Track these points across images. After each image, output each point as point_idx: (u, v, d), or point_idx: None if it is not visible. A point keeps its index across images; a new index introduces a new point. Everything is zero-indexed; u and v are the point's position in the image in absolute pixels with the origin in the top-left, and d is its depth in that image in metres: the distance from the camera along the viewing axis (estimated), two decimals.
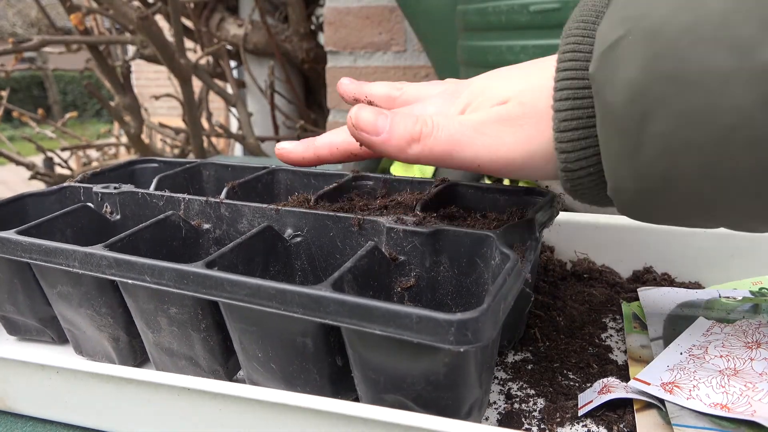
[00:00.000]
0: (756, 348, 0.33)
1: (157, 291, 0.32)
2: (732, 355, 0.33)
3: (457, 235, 0.34)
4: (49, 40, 1.18)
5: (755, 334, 0.35)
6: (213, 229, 0.41)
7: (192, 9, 1.37)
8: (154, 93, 1.64)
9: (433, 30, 0.76)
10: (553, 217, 0.39)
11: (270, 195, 0.48)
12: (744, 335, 0.35)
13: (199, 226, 0.41)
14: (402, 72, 0.98)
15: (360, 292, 0.32)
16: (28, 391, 0.33)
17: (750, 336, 0.35)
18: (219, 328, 0.33)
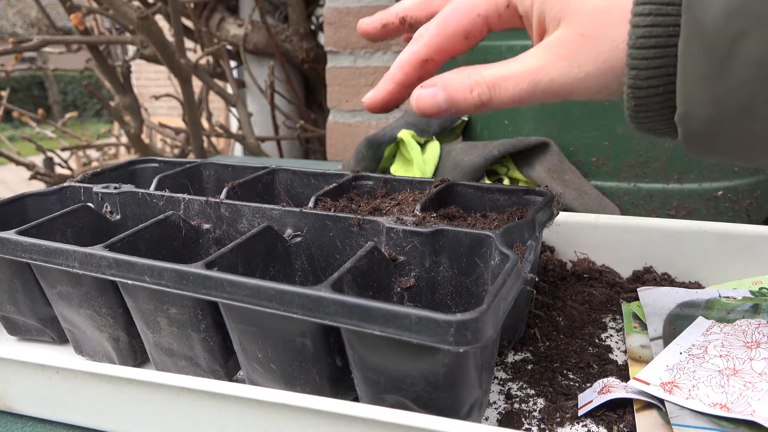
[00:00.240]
0: (755, 348, 0.33)
1: (156, 291, 0.32)
2: (731, 354, 0.33)
3: (457, 235, 0.34)
4: (49, 40, 1.18)
5: (755, 334, 0.35)
6: (213, 229, 0.41)
7: (192, 9, 1.37)
8: (154, 93, 1.64)
9: None
10: (553, 217, 0.39)
11: (270, 195, 0.48)
12: (744, 335, 0.35)
13: (199, 227, 0.41)
14: None
15: (360, 292, 0.32)
16: (28, 391, 0.33)
17: (750, 336, 0.35)
18: (219, 329, 0.33)
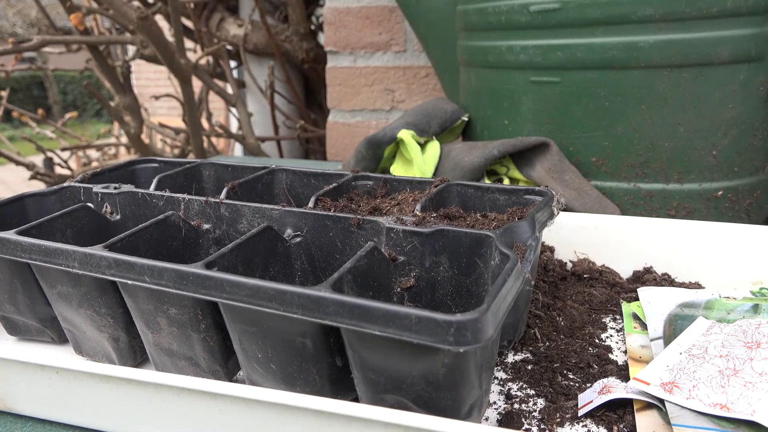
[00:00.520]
0: (756, 348, 0.33)
1: (156, 291, 0.32)
2: (732, 355, 0.33)
3: (457, 235, 0.34)
4: (49, 40, 1.18)
5: (755, 334, 0.35)
6: (213, 229, 0.41)
7: (192, 9, 1.37)
8: (154, 93, 1.64)
9: (433, 30, 0.76)
10: (553, 217, 0.39)
11: (270, 195, 0.48)
12: (744, 335, 0.35)
13: (199, 227, 0.41)
14: (402, 72, 0.98)
15: (360, 292, 0.32)
16: (28, 391, 0.33)
17: (750, 336, 0.35)
18: (219, 329, 0.33)
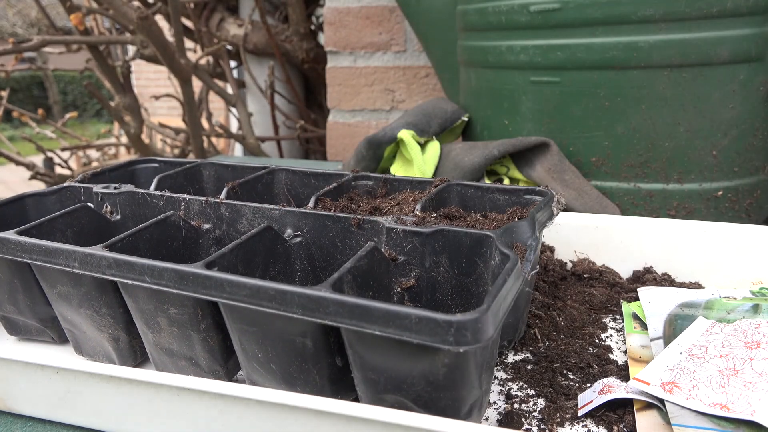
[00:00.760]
0: (756, 348, 0.33)
1: (156, 291, 0.32)
2: (732, 355, 0.33)
3: (457, 235, 0.34)
4: (49, 40, 1.18)
5: (755, 334, 0.35)
6: (213, 229, 0.41)
7: (192, 9, 1.37)
8: (154, 93, 1.64)
9: (433, 30, 0.76)
10: (553, 217, 0.39)
11: (270, 195, 0.48)
12: (744, 335, 0.35)
13: (199, 227, 0.41)
14: (402, 72, 0.98)
15: (360, 292, 0.32)
16: (28, 391, 0.33)
17: (750, 336, 0.35)
18: (219, 329, 0.33)
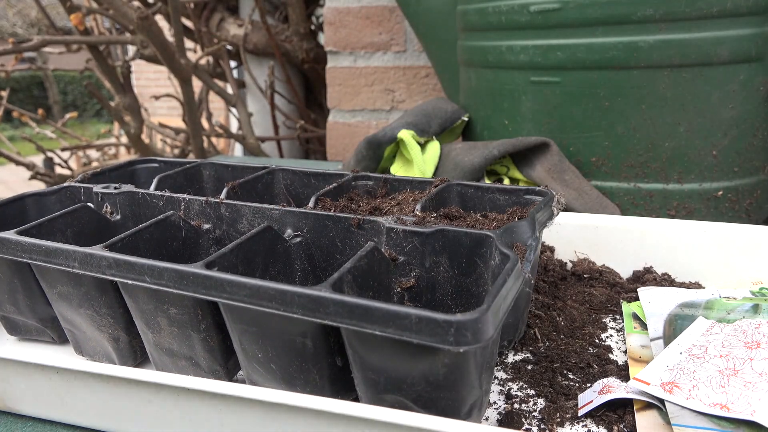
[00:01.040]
0: (756, 348, 0.33)
1: (156, 291, 0.32)
2: (732, 355, 0.33)
3: (457, 235, 0.34)
4: (49, 40, 1.18)
5: (755, 334, 0.35)
6: (213, 229, 0.41)
7: (192, 9, 1.37)
8: (154, 93, 1.64)
9: (433, 30, 0.76)
10: (553, 217, 0.39)
11: (270, 195, 0.48)
12: (744, 335, 0.35)
13: (199, 227, 0.41)
14: (402, 72, 0.98)
15: (360, 292, 0.32)
16: (28, 391, 0.33)
17: (750, 336, 0.35)
18: (219, 329, 0.33)
